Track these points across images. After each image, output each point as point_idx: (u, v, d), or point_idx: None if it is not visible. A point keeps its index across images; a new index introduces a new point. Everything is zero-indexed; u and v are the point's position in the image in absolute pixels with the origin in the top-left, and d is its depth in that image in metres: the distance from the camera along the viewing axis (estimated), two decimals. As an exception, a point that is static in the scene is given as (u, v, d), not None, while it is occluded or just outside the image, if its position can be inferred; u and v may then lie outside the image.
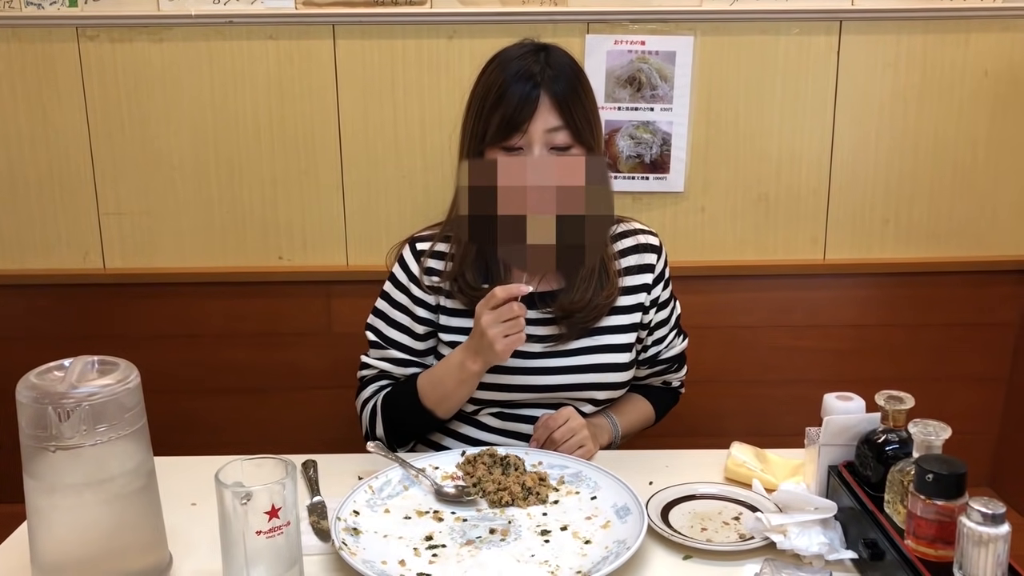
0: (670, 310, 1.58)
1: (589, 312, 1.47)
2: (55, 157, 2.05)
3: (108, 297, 2.10)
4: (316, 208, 2.09)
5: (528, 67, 1.37)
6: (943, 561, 0.96)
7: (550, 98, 1.36)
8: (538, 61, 1.38)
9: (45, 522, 1.02)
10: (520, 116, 1.35)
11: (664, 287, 1.56)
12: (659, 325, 1.56)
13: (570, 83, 1.38)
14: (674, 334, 1.60)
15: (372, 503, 1.24)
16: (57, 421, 0.98)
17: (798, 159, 2.08)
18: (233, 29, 1.98)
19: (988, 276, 2.13)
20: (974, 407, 2.19)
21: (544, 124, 1.36)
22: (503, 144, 1.38)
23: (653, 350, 1.57)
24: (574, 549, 1.14)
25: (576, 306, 1.46)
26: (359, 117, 2.03)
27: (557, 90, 1.36)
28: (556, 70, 1.38)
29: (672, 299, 1.59)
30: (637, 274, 1.53)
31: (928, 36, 2.01)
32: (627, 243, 1.55)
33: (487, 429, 1.52)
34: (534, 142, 1.36)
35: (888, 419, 1.12)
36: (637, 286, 1.52)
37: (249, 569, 0.99)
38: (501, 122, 1.36)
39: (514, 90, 1.36)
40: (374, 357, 1.53)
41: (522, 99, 1.35)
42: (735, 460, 1.37)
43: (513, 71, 1.37)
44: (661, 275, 1.55)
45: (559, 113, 1.36)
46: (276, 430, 2.13)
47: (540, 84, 1.36)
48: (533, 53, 1.40)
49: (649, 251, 1.55)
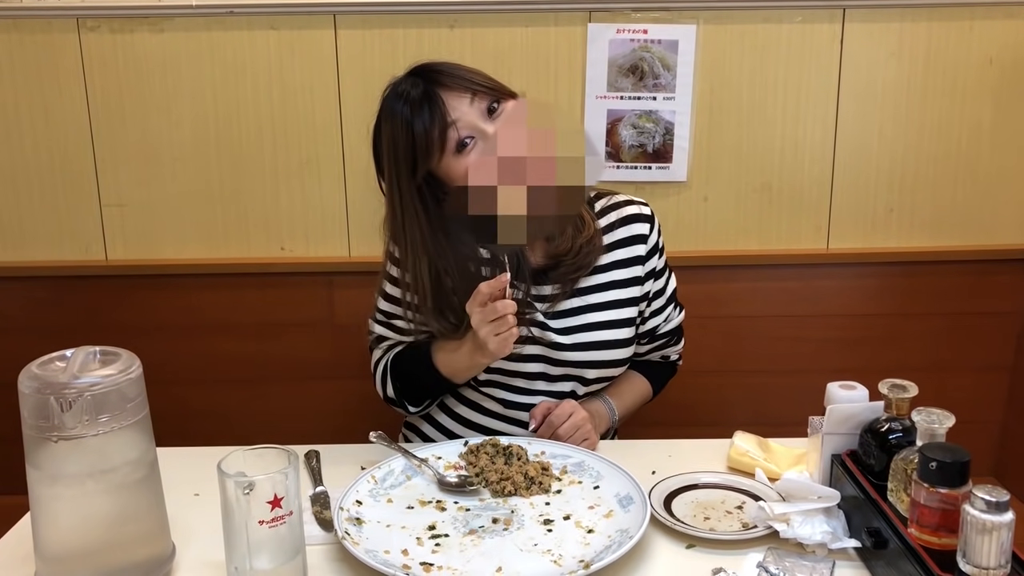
0: (665, 280, 1.57)
1: (573, 258, 1.46)
2: (56, 149, 2.05)
3: (110, 288, 2.10)
4: (318, 199, 2.08)
5: (407, 92, 1.35)
6: (947, 549, 0.95)
7: (443, 89, 1.34)
8: (411, 81, 1.37)
9: (48, 513, 1.02)
10: (440, 122, 1.33)
11: (659, 256, 1.55)
12: (657, 295, 1.55)
13: (446, 67, 1.37)
14: (672, 307, 1.59)
15: (375, 493, 1.24)
16: (59, 411, 0.98)
17: (801, 148, 2.07)
18: (234, 19, 1.98)
19: (992, 265, 2.13)
20: (978, 396, 2.18)
21: (462, 105, 1.33)
22: (449, 148, 1.35)
23: (652, 322, 1.56)
24: (577, 538, 1.14)
25: (560, 251, 1.45)
26: (360, 107, 2.03)
27: (443, 80, 1.34)
28: (428, 71, 1.37)
29: (667, 269, 1.58)
30: (630, 246, 1.52)
31: (932, 24, 2.00)
32: (615, 216, 1.53)
33: (489, 414, 1.53)
34: (474, 121, 1.34)
35: (891, 408, 1.12)
36: (631, 258, 1.51)
37: (252, 559, 0.99)
38: (430, 140, 1.33)
39: (417, 117, 1.33)
40: (379, 331, 1.55)
41: (428, 112, 1.33)
42: (738, 449, 1.37)
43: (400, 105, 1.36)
44: (656, 245, 1.54)
45: (461, 90, 1.34)
46: (279, 420, 2.13)
47: (428, 90, 1.34)
48: (403, 80, 1.39)
49: (640, 220, 1.53)
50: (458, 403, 1.56)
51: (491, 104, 1.36)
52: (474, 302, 1.32)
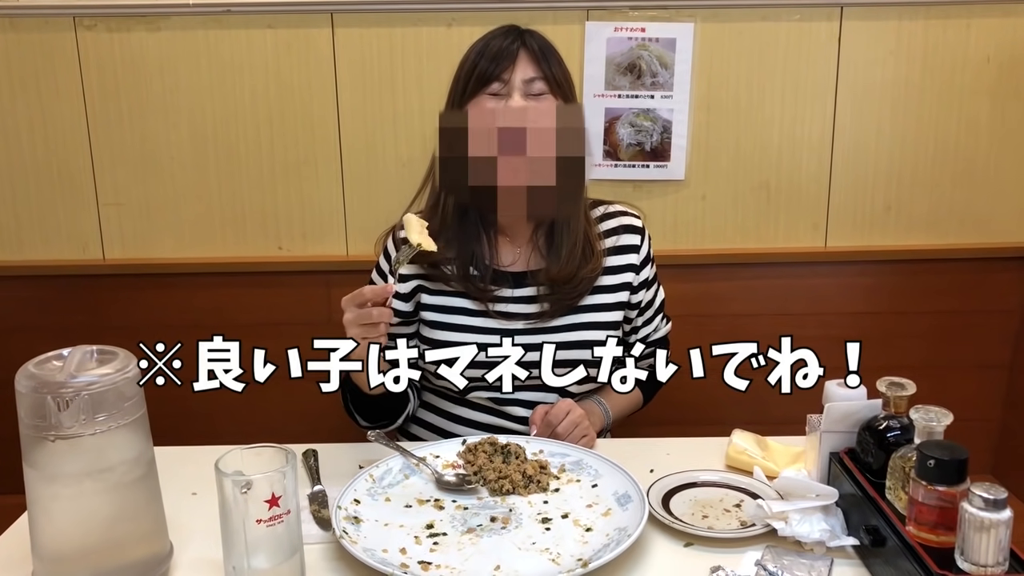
0: (655, 291, 1.60)
1: (574, 286, 1.49)
2: (54, 148, 2.05)
3: (108, 288, 2.10)
4: (315, 198, 2.08)
5: (506, 30, 1.46)
6: (944, 547, 0.95)
7: (528, 51, 1.43)
8: (515, 29, 1.47)
9: (45, 512, 1.02)
10: (501, 63, 1.41)
11: (650, 267, 1.58)
12: (647, 306, 1.58)
13: (547, 44, 1.46)
14: (660, 317, 1.63)
15: (373, 492, 1.24)
16: (56, 410, 0.97)
17: (799, 146, 2.07)
18: (231, 18, 1.97)
19: (989, 263, 2.13)
20: (976, 394, 2.19)
21: (523, 74, 1.42)
22: (484, 91, 1.42)
23: (644, 331, 1.59)
24: (575, 537, 1.14)
25: (561, 277, 1.47)
26: (358, 106, 2.03)
27: (534, 44, 1.44)
28: (534, 35, 1.46)
29: (657, 281, 1.61)
30: (622, 254, 1.54)
31: (929, 22, 2.00)
32: (611, 224, 1.56)
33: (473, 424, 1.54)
34: (514, 89, 1.41)
35: (889, 406, 1.12)
36: (623, 266, 1.54)
37: (249, 558, 0.99)
38: (483, 70, 1.42)
39: (494, 44, 1.43)
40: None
41: (503, 50, 1.42)
42: (736, 447, 1.37)
43: (493, 34, 1.46)
44: (648, 256, 1.57)
45: (536, 65, 1.42)
46: (277, 420, 2.13)
47: (518, 39, 1.44)
48: (512, 28, 1.48)
49: (633, 232, 1.56)
50: (451, 403, 1.57)
51: (542, 91, 1.43)
52: (351, 301, 1.30)
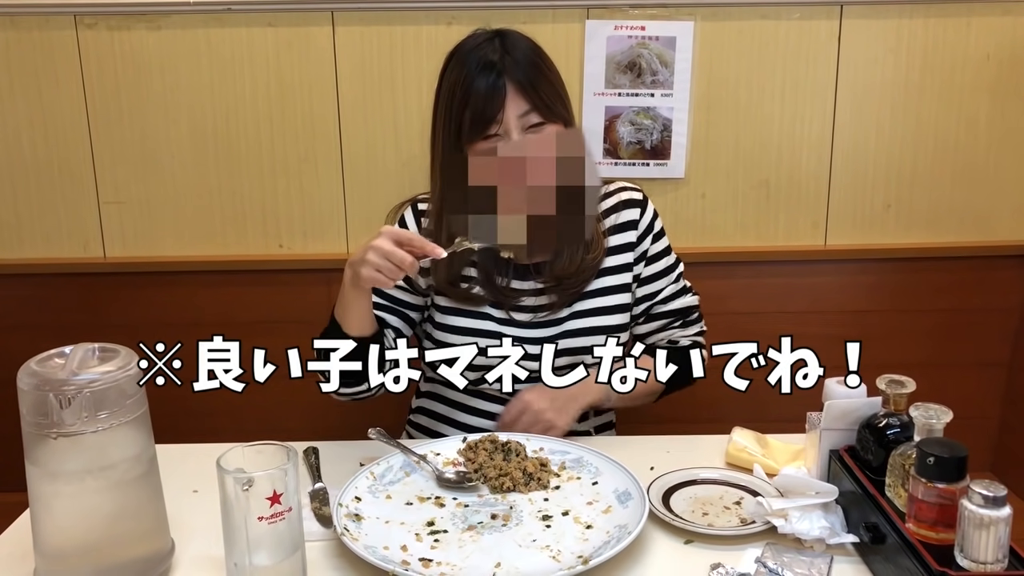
0: (664, 264, 1.56)
1: (578, 276, 1.49)
2: (54, 146, 2.05)
3: (109, 286, 2.10)
4: (316, 196, 2.08)
5: (486, 56, 1.39)
6: (944, 544, 0.96)
7: (514, 84, 1.37)
8: (495, 49, 1.40)
9: (47, 509, 1.02)
10: (491, 109, 1.37)
11: (653, 240, 1.55)
12: (651, 279, 1.55)
13: (531, 64, 1.40)
14: (674, 288, 1.58)
15: (374, 489, 1.25)
16: (58, 408, 0.98)
17: (799, 144, 2.07)
18: (231, 16, 1.97)
19: (989, 261, 2.13)
20: (975, 392, 2.19)
21: (516, 111, 1.38)
22: (482, 136, 1.39)
23: (645, 304, 1.56)
24: (575, 534, 1.15)
25: (566, 271, 1.47)
26: (359, 104, 2.03)
27: (519, 75, 1.38)
28: (515, 55, 1.40)
29: (666, 252, 1.57)
30: (622, 232, 1.53)
31: (929, 20, 2.00)
32: (609, 203, 1.55)
33: (480, 414, 1.54)
34: (510, 129, 1.38)
35: (889, 403, 1.12)
36: (622, 245, 1.53)
37: (251, 555, 0.99)
38: (474, 118, 1.38)
39: (479, 84, 1.37)
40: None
41: (488, 91, 1.37)
42: (736, 445, 1.37)
43: (474, 64, 1.39)
44: (648, 228, 1.54)
45: (526, 97, 1.38)
46: (278, 417, 2.13)
47: (503, 72, 1.37)
48: (489, 41, 1.41)
49: (631, 207, 1.54)
50: (456, 393, 1.57)
51: (539, 122, 1.39)
52: (394, 234, 1.29)
